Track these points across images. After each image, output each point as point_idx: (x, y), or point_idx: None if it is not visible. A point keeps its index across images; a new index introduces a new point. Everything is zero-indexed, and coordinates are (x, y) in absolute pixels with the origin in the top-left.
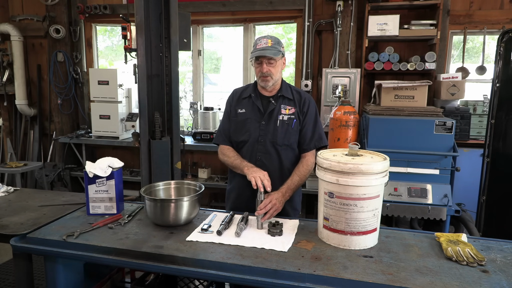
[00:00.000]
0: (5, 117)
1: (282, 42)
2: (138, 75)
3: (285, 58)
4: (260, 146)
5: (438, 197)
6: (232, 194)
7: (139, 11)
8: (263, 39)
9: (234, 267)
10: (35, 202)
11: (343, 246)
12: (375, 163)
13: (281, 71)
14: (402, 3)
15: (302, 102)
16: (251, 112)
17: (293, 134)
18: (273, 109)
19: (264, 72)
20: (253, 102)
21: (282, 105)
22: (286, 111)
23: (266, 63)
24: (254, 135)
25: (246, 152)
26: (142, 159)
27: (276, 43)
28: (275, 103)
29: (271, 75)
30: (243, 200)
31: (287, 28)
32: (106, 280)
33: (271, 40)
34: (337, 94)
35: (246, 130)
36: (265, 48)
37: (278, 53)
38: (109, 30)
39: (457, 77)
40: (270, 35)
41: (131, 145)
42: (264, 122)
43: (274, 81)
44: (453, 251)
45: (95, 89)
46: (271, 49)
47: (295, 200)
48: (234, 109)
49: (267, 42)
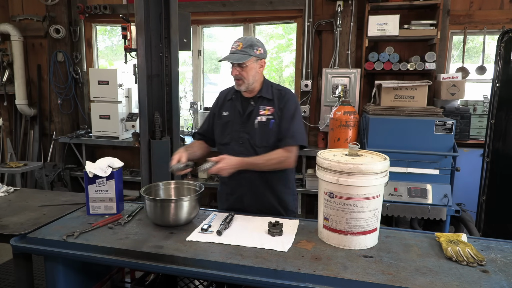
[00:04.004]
0: (5, 117)
1: (261, 43)
2: (138, 75)
3: (264, 61)
4: (241, 148)
5: (438, 197)
6: (223, 195)
7: (139, 11)
8: (236, 42)
9: (234, 267)
10: (35, 202)
11: (343, 246)
12: (375, 163)
13: (257, 73)
14: (402, 3)
15: (280, 100)
16: (232, 115)
17: (271, 135)
18: (251, 110)
19: (233, 75)
20: (235, 104)
21: (261, 106)
22: (265, 112)
23: (236, 67)
24: (235, 137)
25: (229, 154)
26: (142, 159)
27: (247, 46)
28: (254, 105)
29: (243, 79)
30: (235, 199)
31: (287, 28)
32: (106, 280)
33: (243, 43)
34: (337, 94)
35: (228, 133)
36: (234, 51)
37: (247, 57)
38: (109, 30)
39: (457, 77)
40: (246, 37)
41: (131, 145)
42: (244, 124)
43: (247, 84)
44: (453, 251)
45: (95, 89)
46: (238, 53)
47: (287, 201)
48: (219, 111)
49: (238, 45)
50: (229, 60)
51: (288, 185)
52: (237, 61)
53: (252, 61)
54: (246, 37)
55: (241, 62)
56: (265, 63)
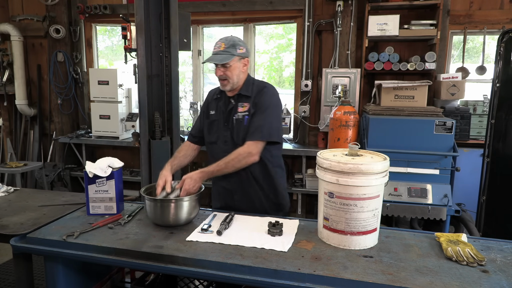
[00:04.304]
0: (5, 117)
1: (243, 43)
2: (138, 75)
3: (247, 59)
4: (226, 146)
5: (438, 197)
6: (215, 193)
7: (139, 11)
8: (218, 43)
9: (234, 267)
10: (35, 202)
11: (343, 246)
12: (375, 163)
13: (241, 72)
14: (402, 3)
15: (256, 95)
16: (218, 114)
17: (246, 132)
18: (231, 108)
19: (217, 76)
20: (220, 103)
21: (240, 103)
22: (242, 109)
23: (220, 67)
24: (220, 136)
25: (216, 153)
26: (142, 159)
27: (230, 45)
28: (234, 103)
29: (228, 79)
30: (226, 196)
31: (287, 28)
32: (106, 280)
33: (225, 43)
34: (337, 94)
35: (215, 132)
36: (216, 52)
37: (230, 57)
38: (109, 30)
39: (457, 77)
40: (227, 37)
41: (131, 145)
42: (227, 123)
43: (232, 84)
44: (453, 251)
45: (95, 89)
46: (221, 54)
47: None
48: (207, 110)
49: (220, 46)
50: (212, 61)
51: (273, 181)
52: (221, 62)
53: (235, 60)
54: (228, 37)
55: (225, 62)
56: (248, 61)
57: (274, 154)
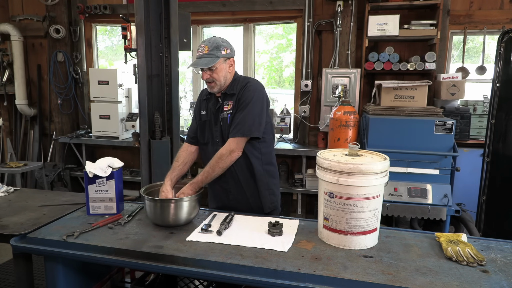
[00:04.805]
0: (5, 117)
1: (227, 42)
2: (138, 75)
3: (232, 59)
4: (217, 146)
5: (438, 197)
6: (211, 192)
7: (139, 11)
8: (201, 46)
9: (234, 267)
10: (35, 202)
11: (343, 246)
12: (375, 163)
13: (228, 73)
14: (402, 3)
15: (240, 92)
16: (208, 114)
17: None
18: (218, 108)
19: (204, 79)
20: (209, 104)
21: (225, 101)
22: (227, 107)
23: (206, 71)
24: (211, 136)
25: (210, 153)
26: (142, 159)
27: (213, 48)
28: (220, 102)
29: (215, 81)
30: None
31: (287, 28)
32: (106, 280)
33: (208, 46)
34: (337, 94)
35: (206, 132)
36: (201, 56)
37: (215, 60)
38: (109, 30)
39: (457, 77)
40: (210, 39)
41: (131, 145)
42: (216, 123)
43: (220, 85)
44: (453, 251)
45: (95, 89)
46: (206, 57)
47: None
48: (199, 111)
49: (204, 49)
50: (197, 65)
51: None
52: (206, 66)
53: (220, 62)
54: (211, 38)
55: (210, 65)
56: (234, 61)
57: (263, 151)
